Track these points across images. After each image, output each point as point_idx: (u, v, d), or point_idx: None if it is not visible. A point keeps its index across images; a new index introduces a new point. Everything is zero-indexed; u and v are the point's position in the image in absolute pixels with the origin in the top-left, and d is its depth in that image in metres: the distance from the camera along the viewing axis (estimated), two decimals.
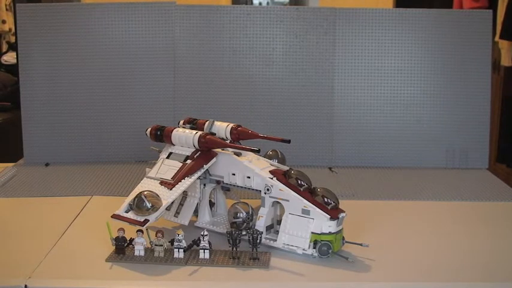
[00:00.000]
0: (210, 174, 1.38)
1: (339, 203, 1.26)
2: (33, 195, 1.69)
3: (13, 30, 3.95)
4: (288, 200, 1.26)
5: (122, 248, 1.24)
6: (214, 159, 1.35)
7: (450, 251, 1.31)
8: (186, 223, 1.38)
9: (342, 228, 1.26)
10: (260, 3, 7.19)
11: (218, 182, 1.40)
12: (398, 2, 3.91)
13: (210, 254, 1.23)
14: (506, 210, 1.62)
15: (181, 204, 1.40)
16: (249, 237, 1.23)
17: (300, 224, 1.25)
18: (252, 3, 6.43)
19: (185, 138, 1.35)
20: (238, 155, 1.36)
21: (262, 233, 1.25)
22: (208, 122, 1.41)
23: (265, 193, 1.29)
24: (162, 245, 1.23)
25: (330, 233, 1.23)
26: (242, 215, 1.28)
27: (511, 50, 3.30)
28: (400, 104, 2.04)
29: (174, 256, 1.23)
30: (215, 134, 1.38)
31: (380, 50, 2.03)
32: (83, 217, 1.50)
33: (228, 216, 1.31)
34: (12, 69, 3.49)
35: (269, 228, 1.32)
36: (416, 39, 2.02)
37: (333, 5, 2.04)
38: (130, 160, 2.03)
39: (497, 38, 3.25)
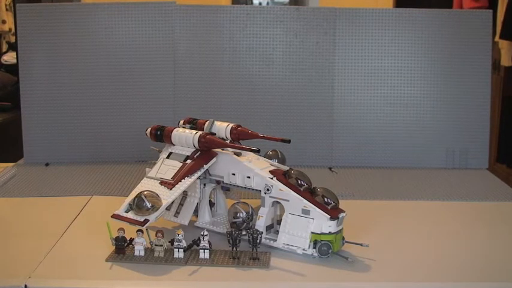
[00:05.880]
0: (210, 174, 1.38)
1: (339, 203, 1.26)
2: (33, 195, 1.69)
3: (13, 30, 3.95)
4: (288, 200, 1.26)
5: (122, 248, 1.24)
6: (214, 159, 1.35)
7: (450, 251, 1.31)
8: (186, 223, 1.38)
9: (342, 228, 1.26)
10: (260, 3, 7.19)
11: (218, 182, 1.40)
12: (398, 2, 3.91)
13: (210, 254, 1.23)
14: (506, 210, 1.62)
15: (181, 204, 1.40)
16: (249, 237, 1.23)
17: (300, 224, 1.25)
18: (252, 3, 6.43)
19: (185, 138, 1.35)
20: (238, 155, 1.35)
21: (262, 233, 1.25)
22: (208, 122, 1.41)
23: (265, 193, 1.29)
24: (162, 245, 1.23)
25: (330, 233, 1.23)
26: (242, 215, 1.28)
27: (511, 50, 3.30)
28: (400, 104, 2.04)
29: (174, 256, 1.23)
30: (215, 134, 1.38)
31: (380, 50, 2.03)
32: (83, 217, 1.50)
33: (228, 216, 1.31)
34: (12, 69, 3.48)
35: (269, 228, 1.32)
36: (416, 39, 2.02)
37: (333, 5, 2.03)
38: (130, 160, 2.03)
39: (497, 38, 3.25)
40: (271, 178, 1.29)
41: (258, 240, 1.23)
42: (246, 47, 2.03)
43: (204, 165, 1.33)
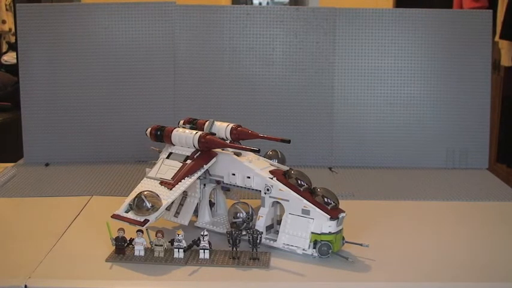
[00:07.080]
0: (210, 174, 1.38)
1: (339, 203, 1.26)
2: (33, 195, 1.69)
3: (13, 30, 3.95)
4: (288, 200, 1.26)
5: (122, 248, 1.24)
6: (214, 159, 1.35)
7: (450, 251, 1.31)
8: (186, 223, 1.38)
9: (342, 228, 1.26)
10: (260, 3, 7.19)
11: (218, 182, 1.40)
12: (399, 2, 3.91)
13: (210, 254, 1.23)
14: (506, 210, 1.62)
15: (181, 204, 1.40)
16: (249, 237, 1.23)
17: (300, 224, 1.25)
18: (252, 3, 6.43)
19: (185, 138, 1.35)
20: (238, 155, 1.35)
21: (262, 233, 1.25)
22: (208, 122, 1.41)
23: (265, 193, 1.29)
24: (162, 245, 1.23)
25: (330, 233, 1.23)
26: (242, 215, 1.28)
27: (511, 50, 3.30)
28: (400, 104, 2.04)
29: (174, 256, 1.23)
30: (215, 134, 1.38)
31: (380, 50, 2.03)
32: (83, 217, 1.50)
33: (228, 216, 1.31)
34: (12, 69, 3.48)
35: (269, 228, 1.32)
36: (416, 39, 2.02)
37: (333, 5, 2.04)
38: (130, 160, 2.03)
39: (497, 38, 3.25)
40: (271, 178, 1.29)
41: (258, 240, 1.23)
42: (246, 47, 2.03)
43: (204, 165, 1.33)
